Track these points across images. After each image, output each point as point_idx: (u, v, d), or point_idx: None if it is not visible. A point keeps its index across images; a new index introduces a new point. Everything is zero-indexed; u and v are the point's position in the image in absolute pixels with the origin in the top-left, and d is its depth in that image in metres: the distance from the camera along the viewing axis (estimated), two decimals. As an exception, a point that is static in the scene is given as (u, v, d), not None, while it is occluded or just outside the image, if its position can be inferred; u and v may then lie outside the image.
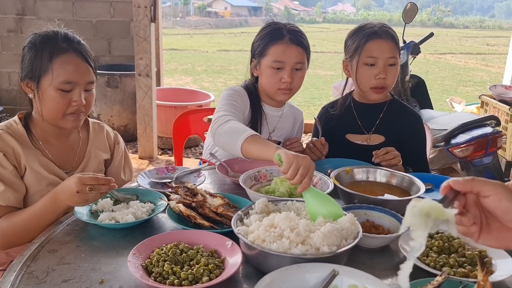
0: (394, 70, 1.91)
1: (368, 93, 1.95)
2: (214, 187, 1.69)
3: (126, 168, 1.83)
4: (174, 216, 1.34)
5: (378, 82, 1.89)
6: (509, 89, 4.19)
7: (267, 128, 2.02)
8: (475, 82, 11.84)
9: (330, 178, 1.53)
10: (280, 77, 1.85)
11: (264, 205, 1.26)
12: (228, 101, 1.82)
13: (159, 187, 1.60)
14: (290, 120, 2.11)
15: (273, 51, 1.84)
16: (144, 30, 4.27)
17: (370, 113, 2.04)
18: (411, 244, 0.80)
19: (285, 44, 1.83)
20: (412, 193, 1.52)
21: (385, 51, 1.87)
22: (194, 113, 2.54)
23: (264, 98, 2.00)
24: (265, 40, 1.87)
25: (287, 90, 1.88)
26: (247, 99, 1.94)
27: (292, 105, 2.15)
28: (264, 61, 1.88)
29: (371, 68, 1.89)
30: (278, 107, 2.03)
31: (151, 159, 4.67)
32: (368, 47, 1.88)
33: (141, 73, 4.38)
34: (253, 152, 1.49)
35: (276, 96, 1.93)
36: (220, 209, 1.35)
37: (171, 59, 13.91)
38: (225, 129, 1.60)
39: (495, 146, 2.65)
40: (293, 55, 1.84)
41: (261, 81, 1.94)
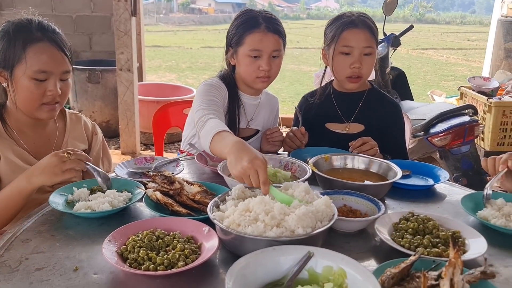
0: (370, 60, 1.91)
1: (344, 82, 1.96)
2: (192, 176, 1.68)
3: (105, 158, 1.81)
4: (151, 204, 1.33)
5: (353, 71, 1.89)
6: (487, 80, 4.26)
7: (245, 117, 2.02)
8: (456, 77, 11.98)
9: (308, 165, 1.54)
10: (258, 65, 1.85)
11: (241, 191, 1.25)
12: (206, 97, 1.80)
13: (137, 177, 1.59)
14: (267, 108, 2.11)
15: (249, 39, 1.83)
16: (125, 24, 4.23)
17: (349, 102, 2.05)
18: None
19: (262, 32, 1.83)
20: (389, 179, 1.54)
21: (361, 40, 1.88)
22: (174, 106, 2.52)
23: (242, 87, 1.99)
24: (241, 29, 1.86)
25: (265, 78, 1.88)
26: (225, 90, 1.93)
27: (268, 93, 2.15)
28: (241, 50, 1.87)
29: (347, 57, 1.89)
30: (256, 95, 2.04)
31: (134, 154, 4.63)
32: (344, 36, 1.88)
33: (122, 67, 4.33)
34: (217, 153, 1.46)
35: (255, 85, 1.92)
36: (197, 196, 1.34)
37: (155, 56, 13.79)
38: (203, 132, 1.57)
39: (473, 135, 2.69)
40: (270, 43, 1.83)
41: (239, 70, 1.93)
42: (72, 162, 1.36)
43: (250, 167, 1.22)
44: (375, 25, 1.95)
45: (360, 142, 1.77)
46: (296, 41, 18.06)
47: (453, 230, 1.23)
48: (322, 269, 0.98)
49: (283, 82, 10.18)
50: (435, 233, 1.21)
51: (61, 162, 1.36)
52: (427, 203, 1.52)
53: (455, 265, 0.91)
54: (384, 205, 1.33)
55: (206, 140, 1.50)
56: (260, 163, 1.22)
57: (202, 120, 1.63)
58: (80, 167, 1.39)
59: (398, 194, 1.55)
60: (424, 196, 1.58)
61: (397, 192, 1.56)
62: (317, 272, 0.98)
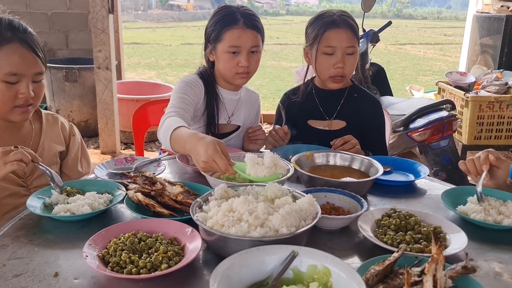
0: (353, 59, 1.92)
1: (327, 82, 1.97)
2: (174, 176, 1.67)
3: (83, 160, 1.78)
4: (133, 206, 1.31)
5: (336, 71, 1.90)
6: (464, 75, 4.33)
7: (225, 113, 2.01)
8: (434, 72, 12.15)
9: (290, 163, 1.54)
10: (237, 61, 1.85)
11: (224, 191, 1.24)
12: (178, 94, 1.81)
13: (118, 178, 1.56)
14: (248, 103, 2.11)
15: (228, 36, 1.83)
16: (102, 22, 4.16)
17: (331, 99, 2.06)
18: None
19: (240, 28, 1.82)
20: (371, 175, 1.55)
21: (343, 40, 1.88)
22: (154, 104, 2.49)
23: (221, 83, 1.99)
24: (219, 25, 1.85)
25: (244, 74, 1.88)
26: (202, 87, 1.92)
27: (249, 89, 2.14)
28: (219, 47, 1.86)
29: (330, 57, 1.90)
30: (235, 90, 2.03)
31: (114, 154, 4.57)
32: (327, 36, 1.89)
33: (100, 66, 4.27)
34: (180, 152, 1.53)
35: (234, 81, 1.92)
36: (179, 196, 1.33)
37: (133, 53, 13.62)
38: (162, 132, 1.60)
39: (451, 129, 2.73)
40: (249, 39, 1.83)
41: (218, 66, 1.93)
42: (15, 154, 1.29)
43: (208, 159, 1.32)
44: (356, 24, 1.97)
45: (341, 142, 1.78)
46: (276, 37, 18.05)
47: (434, 226, 1.24)
48: (307, 268, 0.98)
49: (264, 78, 10.17)
50: (417, 229, 1.22)
51: (4, 155, 1.30)
52: (408, 199, 1.53)
53: (437, 261, 0.92)
54: (367, 201, 1.33)
55: (165, 140, 1.54)
56: (213, 152, 1.31)
57: (162, 120, 1.64)
58: (25, 159, 1.32)
59: (379, 190, 1.56)
60: (405, 191, 1.59)
61: (378, 188, 1.57)
62: (301, 271, 0.97)
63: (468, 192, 1.47)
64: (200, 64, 2.02)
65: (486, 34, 4.41)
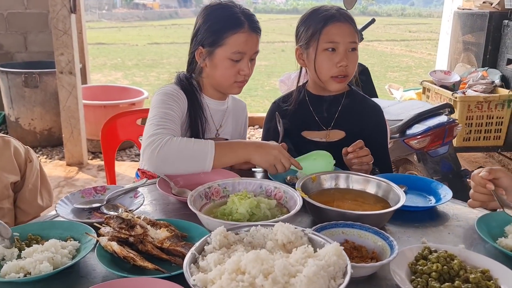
0: (355, 56, 1.72)
1: (329, 82, 1.73)
2: (155, 208, 1.39)
3: (44, 190, 1.48)
4: (106, 258, 1.03)
5: (340, 70, 1.68)
6: (448, 74, 4.20)
7: (213, 125, 1.76)
8: (401, 68, 12.19)
9: (296, 191, 1.29)
10: (238, 69, 1.63)
11: (223, 236, 0.98)
12: (161, 109, 1.55)
13: (86, 216, 1.28)
14: (236, 113, 1.88)
15: (233, 41, 1.60)
16: (64, 22, 3.81)
17: (327, 107, 1.82)
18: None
19: (247, 33, 1.61)
20: (390, 201, 1.32)
21: (346, 35, 1.67)
22: (125, 116, 2.19)
23: (209, 91, 1.74)
24: (220, 27, 1.61)
25: (242, 82, 1.68)
26: (184, 99, 1.67)
27: (235, 97, 1.91)
28: (220, 52, 1.62)
29: (332, 54, 1.68)
30: (223, 99, 1.79)
31: (81, 165, 4.23)
32: (328, 31, 1.67)
33: (63, 70, 3.91)
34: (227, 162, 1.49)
35: (230, 90, 1.71)
36: (166, 243, 1.06)
37: (98, 54, 13.11)
38: (173, 153, 1.40)
39: (451, 135, 2.56)
40: (254, 45, 1.64)
41: (214, 74, 1.68)
42: None
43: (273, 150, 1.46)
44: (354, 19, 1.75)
45: (356, 147, 1.57)
46: (245, 36, 17.81)
47: (481, 269, 1.02)
48: None
49: (235, 78, 9.90)
50: (463, 275, 1.00)
51: None
52: (433, 228, 1.31)
53: None
54: (385, 232, 1.11)
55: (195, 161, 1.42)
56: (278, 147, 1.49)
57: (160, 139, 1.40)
58: None
59: (397, 217, 1.33)
60: (427, 218, 1.37)
61: (396, 214, 1.33)
62: None
63: (503, 219, 1.26)
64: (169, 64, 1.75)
65: (469, 31, 4.28)
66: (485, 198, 1.29)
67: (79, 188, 3.83)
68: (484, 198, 1.29)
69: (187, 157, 1.40)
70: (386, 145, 1.89)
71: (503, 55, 3.91)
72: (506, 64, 3.86)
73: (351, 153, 1.55)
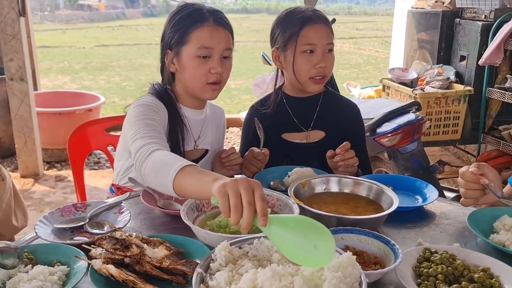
0: (332, 57, 1.72)
1: (307, 84, 1.72)
2: (142, 223, 1.32)
3: (18, 210, 1.38)
4: (101, 283, 0.96)
5: (318, 71, 1.68)
6: (406, 71, 4.31)
7: (191, 136, 1.68)
8: (351, 65, 12.49)
9: (290, 198, 1.26)
10: (208, 67, 1.52)
11: (228, 251, 0.94)
12: (142, 121, 1.42)
13: (68, 236, 1.19)
14: (214, 122, 1.79)
15: (197, 36, 1.50)
16: (12, 26, 3.59)
17: (305, 108, 1.82)
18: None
19: (211, 26, 1.51)
20: (382, 203, 1.32)
21: (323, 37, 1.67)
22: (93, 125, 2.08)
23: (184, 101, 1.65)
24: (184, 24, 1.52)
25: (216, 85, 1.56)
26: (164, 109, 1.56)
27: (212, 104, 1.82)
28: (185, 50, 1.52)
29: (310, 56, 1.67)
30: (200, 108, 1.70)
31: (37, 176, 4.01)
32: (305, 33, 1.65)
33: (13, 77, 3.69)
34: (187, 191, 1.13)
35: (204, 93, 1.58)
36: (165, 262, 1.00)
37: (43, 58, 12.50)
38: (150, 166, 1.22)
39: (420, 132, 2.62)
40: (222, 40, 1.53)
41: (184, 76, 1.57)
42: None
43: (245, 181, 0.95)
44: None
45: (348, 146, 1.57)
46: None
47: (482, 267, 1.03)
48: None
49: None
50: (467, 275, 1.01)
51: None
52: (425, 227, 1.32)
53: None
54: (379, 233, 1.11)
55: (161, 176, 1.15)
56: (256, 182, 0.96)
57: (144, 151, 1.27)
58: None
59: (387, 218, 1.33)
60: (418, 217, 1.38)
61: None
62: None
63: (491, 215, 1.29)
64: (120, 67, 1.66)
65: (423, 30, 4.42)
66: (477, 194, 1.31)
67: (36, 201, 3.63)
68: (476, 194, 1.31)
69: (156, 171, 1.20)
70: (364, 142, 1.90)
71: (456, 52, 4.06)
72: (459, 61, 4.02)
73: (338, 156, 1.54)
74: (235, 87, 9.09)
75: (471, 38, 3.83)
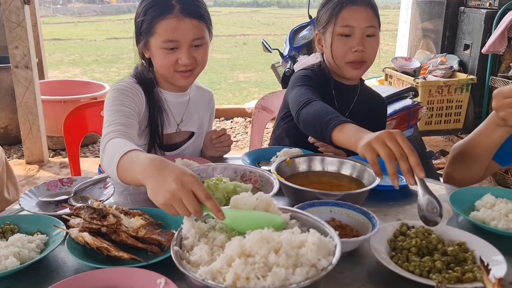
0: (374, 42, 1.63)
1: (345, 68, 1.65)
2: (126, 198, 1.34)
3: (10, 184, 1.41)
4: (78, 250, 0.98)
5: (355, 55, 1.60)
6: (409, 60, 4.29)
7: (173, 119, 1.66)
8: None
9: (272, 174, 1.27)
10: (175, 58, 1.50)
11: (197, 227, 0.94)
12: (114, 107, 1.42)
13: (52, 209, 1.22)
14: (201, 105, 1.76)
15: (162, 28, 1.47)
16: (17, 14, 3.63)
17: (346, 95, 1.74)
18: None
19: (176, 18, 1.46)
20: (365, 181, 1.32)
21: (362, 19, 1.59)
22: (89, 107, 2.11)
23: (164, 84, 1.63)
24: (150, 15, 1.49)
25: (187, 73, 1.54)
26: (141, 94, 1.55)
27: (200, 87, 1.80)
28: (153, 41, 1.50)
29: (347, 40, 1.60)
30: (182, 91, 1.68)
31: (42, 163, 4.07)
32: (343, 15, 1.59)
33: (18, 64, 3.74)
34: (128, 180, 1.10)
35: (176, 81, 1.57)
36: (141, 232, 1.02)
37: (55, 50, 12.64)
38: (105, 156, 1.20)
39: (416, 118, 2.61)
40: (188, 31, 1.47)
41: (155, 64, 1.57)
42: None
43: (180, 188, 0.90)
44: (375, 2, 1.66)
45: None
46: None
47: (458, 242, 1.04)
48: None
49: (198, 71, 9.79)
50: (441, 248, 1.01)
51: None
52: (406, 206, 1.33)
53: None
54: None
55: (111, 169, 1.13)
56: (192, 180, 0.92)
57: (102, 144, 1.26)
58: None
59: (371, 198, 1.33)
60: (401, 196, 1.39)
61: (370, 193, 1.34)
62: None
63: (474, 194, 1.29)
64: (130, 60, 1.65)
65: (427, 19, 4.38)
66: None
67: (40, 186, 3.69)
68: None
69: (107, 163, 1.17)
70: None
71: (460, 40, 4.02)
72: (463, 50, 3.98)
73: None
74: (244, 80, 9.08)
75: (475, 27, 3.78)
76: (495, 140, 1.43)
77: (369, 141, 1.09)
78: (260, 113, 2.36)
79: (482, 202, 1.24)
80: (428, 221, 1.03)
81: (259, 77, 9.25)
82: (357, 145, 1.15)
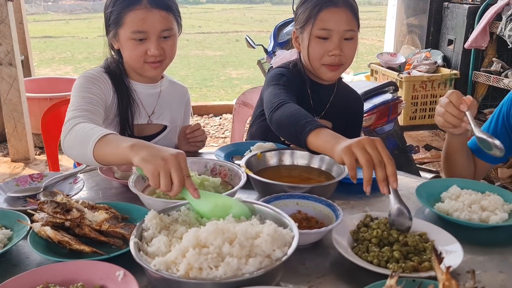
0: (353, 45, 1.59)
1: (321, 70, 1.61)
2: (97, 194, 1.34)
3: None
4: (40, 244, 0.99)
5: (332, 59, 1.57)
6: (394, 56, 4.31)
7: (144, 111, 1.66)
8: (354, 54, 12.45)
9: (241, 168, 1.28)
10: (144, 49, 1.50)
11: (158, 219, 0.95)
12: (80, 93, 1.44)
13: (21, 204, 1.22)
14: (173, 98, 1.76)
15: (130, 19, 1.47)
16: (0, 11, 3.61)
17: (322, 94, 1.72)
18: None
19: (144, 9, 1.47)
20: (334, 174, 1.34)
21: (342, 22, 1.54)
22: (67, 104, 2.10)
23: (133, 75, 1.64)
24: (119, 6, 1.49)
25: (156, 63, 1.55)
26: (108, 83, 1.56)
27: (174, 81, 1.81)
28: (121, 32, 1.51)
29: (325, 42, 1.56)
30: (153, 82, 1.68)
31: (27, 161, 4.05)
32: (322, 17, 1.54)
33: (2, 61, 3.72)
34: (108, 158, 1.15)
35: (145, 72, 1.58)
36: (104, 225, 1.02)
37: (46, 48, 12.57)
38: (72, 138, 1.24)
39: (396, 112, 2.63)
40: (157, 22, 1.48)
41: (124, 55, 1.57)
42: None
43: (174, 158, 1.00)
44: (356, 4, 1.62)
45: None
46: (198, 26, 17.55)
47: (419, 232, 1.05)
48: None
49: (189, 68, 9.78)
50: (402, 240, 1.02)
51: None
52: (376, 198, 1.34)
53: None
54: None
55: (84, 149, 1.15)
56: (184, 156, 1.03)
57: (69, 125, 1.27)
58: None
59: (341, 190, 1.35)
60: (371, 188, 1.40)
61: (339, 187, 1.35)
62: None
63: (441, 186, 1.30)
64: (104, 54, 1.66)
65: (412, 14, 4.41)
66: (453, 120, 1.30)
67: (25, 184, 3.68)
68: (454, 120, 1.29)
69: (79, 142, 1.21)
70: (360, 133, 1.91)
71: (444, 36, 4.05)
72: (447, 45, 4.01)
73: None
74: (237, 77, 9.07)
75: (458, 22, 3.81)
76: (459, 144, 1.46)
77: (349, 145, 1.07)
78: (241, 108, 2.37)
79: (448, 194, 1.26)
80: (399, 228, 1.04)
81: (251, 73, 9.24)
82: (335, 149, 1.12)
